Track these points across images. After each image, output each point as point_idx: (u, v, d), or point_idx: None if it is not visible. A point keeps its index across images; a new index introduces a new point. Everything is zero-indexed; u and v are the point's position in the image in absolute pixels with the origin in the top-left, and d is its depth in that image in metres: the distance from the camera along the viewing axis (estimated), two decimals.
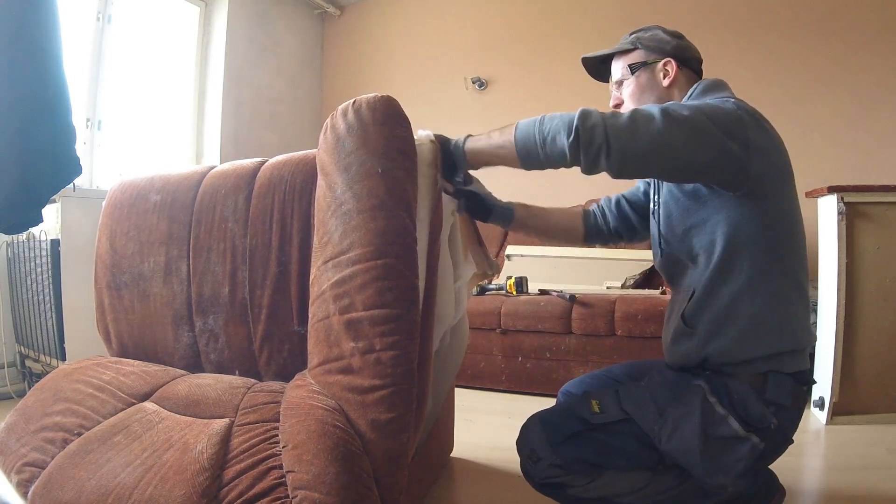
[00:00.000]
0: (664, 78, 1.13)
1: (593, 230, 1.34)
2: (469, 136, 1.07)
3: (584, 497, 1.00)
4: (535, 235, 1.36)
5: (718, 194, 0.98)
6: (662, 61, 1.13)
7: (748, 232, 0.97)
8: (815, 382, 1.05)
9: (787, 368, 0.98)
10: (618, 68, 1.18)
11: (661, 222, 1.12)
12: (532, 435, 1.04)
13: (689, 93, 1.11)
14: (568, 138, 0.91)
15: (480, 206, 1.26)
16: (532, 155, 0.96)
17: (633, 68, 1.14)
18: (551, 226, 1.35)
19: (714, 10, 3.08)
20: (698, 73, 1.17)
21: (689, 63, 1.15)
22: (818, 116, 2.88)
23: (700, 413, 0.95)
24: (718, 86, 1.11)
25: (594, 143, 0.90)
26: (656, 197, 1.15)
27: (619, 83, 1.17)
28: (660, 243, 1.14)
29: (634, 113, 0.92)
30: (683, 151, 0.92)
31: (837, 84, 2.85)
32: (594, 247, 1.37)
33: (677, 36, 1.17)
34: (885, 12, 2.76)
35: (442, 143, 1.10)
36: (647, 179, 1.27)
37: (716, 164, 0.94)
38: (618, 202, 1.33)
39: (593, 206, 1.38)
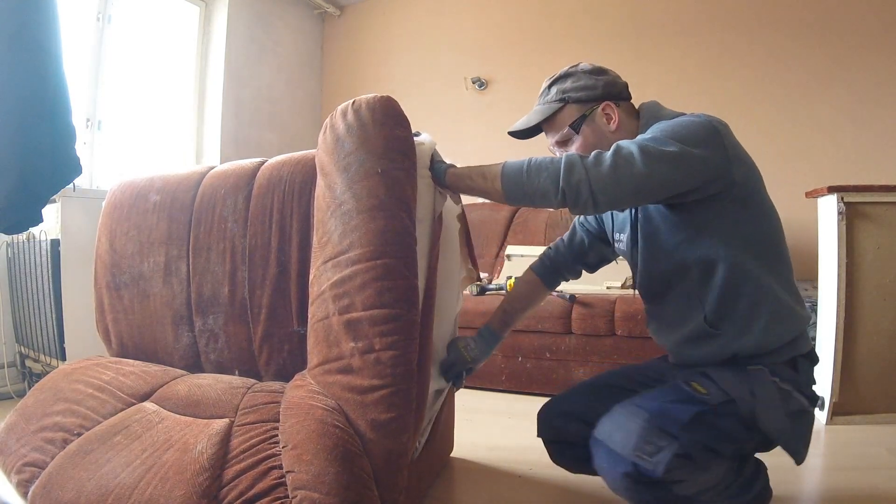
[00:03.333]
0: (609, 123, 1.09)
1: (553, 280, 1.35)
2: (452, 165, 1.11)
3: (685, 494, 0.94)
4: (521, 321, 1.38)
5: (707, 206, 1.00)
6: (601, 107, 1.09)
7: (747, 232, 1.01)
8: (818, 360, 1.10)
9: (804, 350, 1.04)
10: (554, 131, 1.13)
11: (645, 240, 1.10)
12: (635, 428, 0.93)
13: (641, 125, 1.08)
14: (556, 197, 0.95)
15: (471, 366, 1.27)
16: (519, 201, 1.01)
17: (576, 127, 1.10)
18: (526, 308, 1.36)
19: (715, 9, 3.07)
20: (630, 97, 1.14)
21: (622, 95, 1.12)
22: (818, 116, 2.88)
23: (776, 390, 0.99)
24: (659, 106, 1.11)
25: (581, 198, 0.94)
26: (631, 219, 1.13)
27: (562, 143, 1.13)
28: (641, 262, 1.12)
29: (616, 157, 0.93)
30: (669, 183, 0.95)
31: (838, 84, 2.84)
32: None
33: (600, 72, 1.13)
34: (885, 12, 2.76)
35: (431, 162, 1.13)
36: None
37: (703, 183, 0.97)
38: (578, 253, 1.33)
39: (541, 261, 1.36)
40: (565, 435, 1.18)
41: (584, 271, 1.37)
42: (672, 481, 0.91)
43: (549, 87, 1.14)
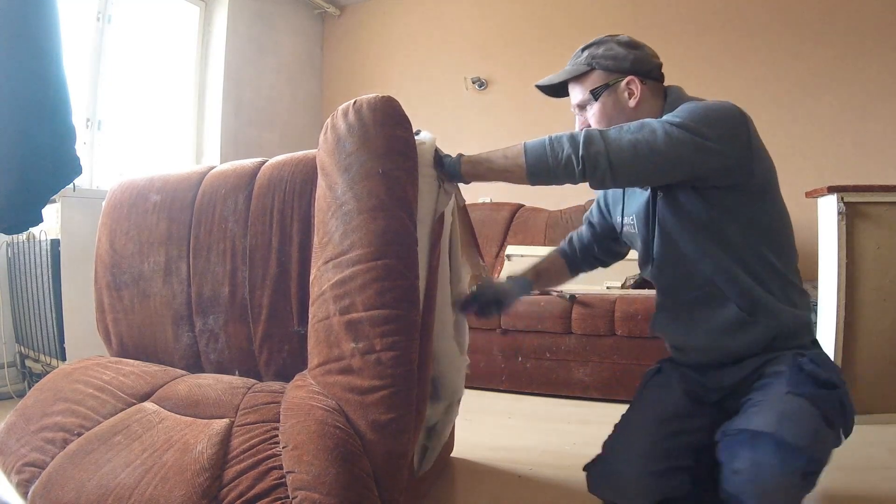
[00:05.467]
0: (630, 98, 1.08)
1: (575, 261, 1.35)
2: (461, 154, 1.09)
3: (811, 487, 0.88)
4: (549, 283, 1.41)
5: (726, 194, 1.01)
6: (625, 80, 1.08)
7: (763, 222, 1.03)
8: None
9: (814, 332, 1.09)
10: (577, 92, 1.13)
11: (666, 223, 1.08)
12: (806, 417, 0.87)
13: (667, 106, 1.08)
14: (577, 166, 0.96)
15: (502, 300, 1.25)
16: (543, 177, 1.00)
17: (596, 94, 1.09)
18: (554, 277, 1.37)
19: (716, 8, 3.08)
20: (661, 78, 1.13)
21: (651, 73, 1.11)
22: (819, 115, 2.88)
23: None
24: (683, 91, 1.11)
25: (598, 169, 0.95)
26: (650, 205, 1.11)
27: (582, 107, 1.13)
28: (657, 246, 1.11)
29: (638, 133, 0.95)
30: (687, 165, 0.96)
31: (838, 83, 2.84)
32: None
33: (633, 46, 1.11)
34: (886, 11, 2.76)
35: (435, 158, 1.11)
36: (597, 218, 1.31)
37: (722, 170, 0.98)
38: (587, 247, 1.33)
39: (565, 244, 1.37)
40: (669, 491, 1.01)
41: (598, 266, 1.35)
42: (819, 472, 0.86)
43: (583, 50, 1.14)
